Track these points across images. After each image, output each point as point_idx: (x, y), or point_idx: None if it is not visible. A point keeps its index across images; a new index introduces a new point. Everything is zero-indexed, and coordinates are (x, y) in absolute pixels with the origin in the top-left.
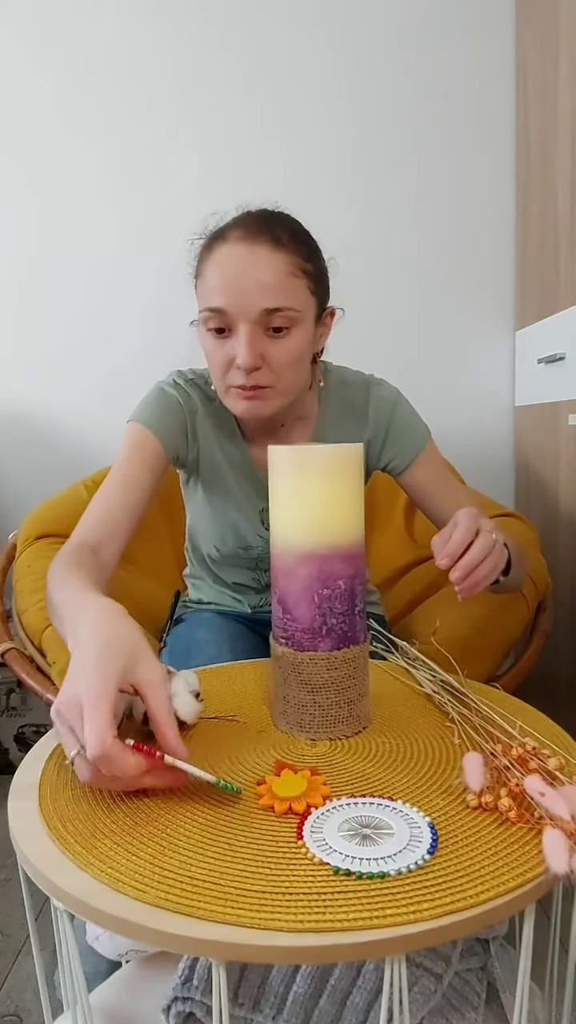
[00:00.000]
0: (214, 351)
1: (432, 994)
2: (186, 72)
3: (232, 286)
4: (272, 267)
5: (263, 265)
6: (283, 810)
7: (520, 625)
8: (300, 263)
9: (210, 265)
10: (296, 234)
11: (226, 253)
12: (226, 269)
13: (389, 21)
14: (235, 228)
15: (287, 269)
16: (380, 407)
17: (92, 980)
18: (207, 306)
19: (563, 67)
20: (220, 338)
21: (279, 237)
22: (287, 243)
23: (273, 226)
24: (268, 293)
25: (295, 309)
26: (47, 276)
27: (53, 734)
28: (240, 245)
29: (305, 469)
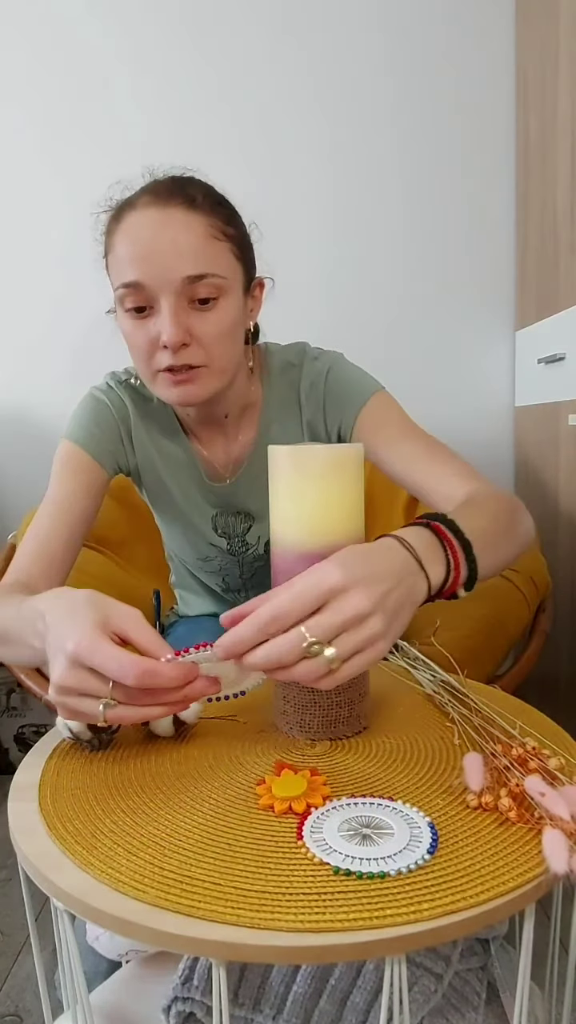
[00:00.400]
0: (135, 333)
1: (432, 994)
2: (185, 62)
3: (147, 255)
4: (189, 228)
5: (179, 227)
6: (283, 810)
7: (520, 625)
8: (220, 225)
9: (120, 236)
10: (212, 195)
11: (136, 219)
12: (138, 237)
13: (389, 21)
14: (144, 194)
15: (206, 231)
16: (313, 382)
17: (92, 980)
18: (121, 281)
19: (563, 67)
20: (140, 318)
21: (193, 197)
22: (203, 204)
23: (185, 187)
24: (188, 258)
25: (220, 275)
26: (47, 276)
27: (53, 733)
28: (151, 209)
29: (305, 469)
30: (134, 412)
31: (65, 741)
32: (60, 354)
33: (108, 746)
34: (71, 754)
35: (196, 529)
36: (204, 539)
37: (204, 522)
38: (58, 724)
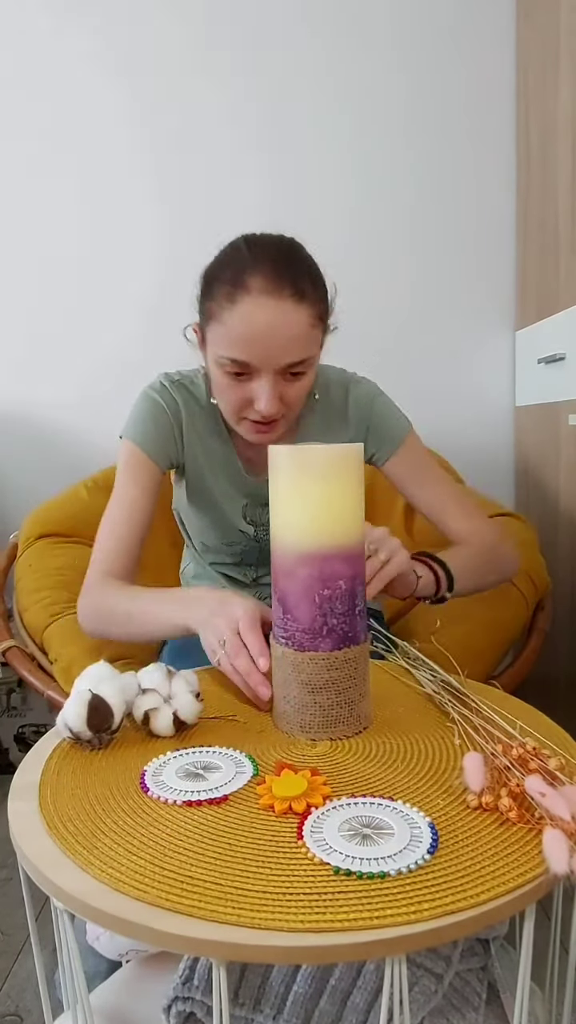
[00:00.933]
0: (230, 390)
1: (432, 994)
2: (183, 74)
3: (259, 342)
4: (298, 323)
5: (290, 322)
6: (283, 810)
7: (519, 624)
8: (319, 312)
9: (234, 316)
10: (314, 280)
11: (251, 308)
12: (253, 325)
13: (389, 21)
14: (256, 276)
15: (309, 321)
16: (359, 405)
17: (92, 980)
18: (229, 356)
19: (563, 67)
20: (237, 380)
21: (302, 290)
22: (310, 294)
23: (295, 276)
24: (293, 348)
25: (314, 356)
26: (48, 277)
27: (53, 733)
28: (264, 299)
29: (305, 469)
30: (185, 412)
31: (65, 741)
32: (61, 355)
33: (108, 746)
34: (71, 754)
35: (227, 517)
36: (234, 526)
37: (235, 511)
38: (58, 724)
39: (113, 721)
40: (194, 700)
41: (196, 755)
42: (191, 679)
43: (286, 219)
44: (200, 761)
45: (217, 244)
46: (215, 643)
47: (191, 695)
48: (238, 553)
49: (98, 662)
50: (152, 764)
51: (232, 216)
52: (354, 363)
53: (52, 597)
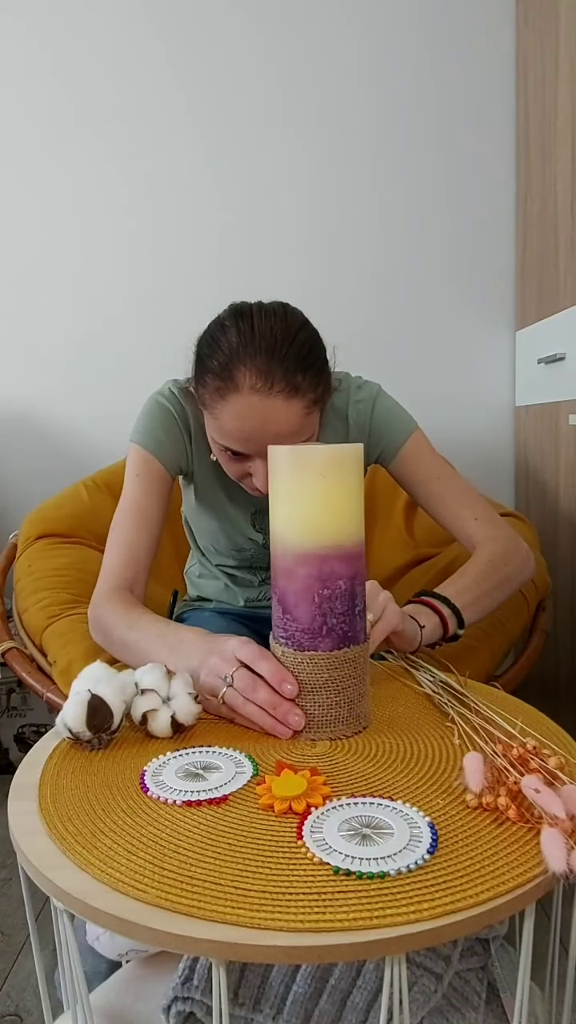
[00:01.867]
0: (229, 464)
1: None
2: (184, 70)
3: (249, 438)
4: (290, 419)
5: (281, 419)
6: (283, 810)
7: (520, 624)
8: (313, 398)
9: (225, 411)
10: (308, 366)
11: (240, 407)
12: (242, 423)
13: (389, 21)
14: (246, 372)
15: (303, 412)
16: (360, 408)
17: (92, 980)
18: (225, 445)
19: (563, 67)
20: (235, 459)
21: (295, 384)
22: (302, 385)
23: (286, 370)
24: (287, 438)
25: (312, 435)
26: (48, 277)
27: (53, 733)
28: (255, 398)
29: (305, 469)
30: (194, 421)
31: (65, 741)
32: (62, 355)
33: (108, 746)
34: (71, 754)
35: (237, 525)
36: (243, 534)
37: (245, 520)
38: (58, 724)
39: (113, 721)
40: (192, 701)
41: (196, 755)
42: (190, 680)
43: (280, 217)
44: (200, 761)
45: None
46: (218, 683)
47: (190, 696)
48: (247, 559)
49: (96, 662)
50: (152, 764)
51: (231, 216)
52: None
53: (51, 598)
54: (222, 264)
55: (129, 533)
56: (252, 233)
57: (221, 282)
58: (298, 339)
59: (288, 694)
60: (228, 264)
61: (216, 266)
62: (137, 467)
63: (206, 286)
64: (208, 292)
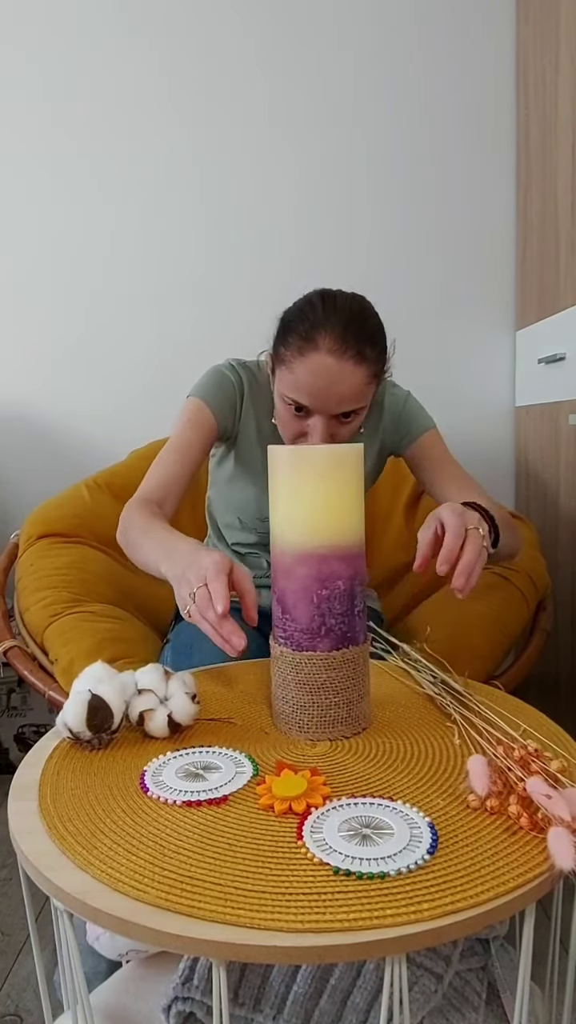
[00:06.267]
0: (289, 421)
1: (432, 994)
2: (191, 75)
3: (318, 393)
4: (355, 382)
5: (348, 380)
6: (283, 810)
7: (520, 624)
8: (376, 371)
9: (300, 367)
10: (376, 343)
11: (316, 363)
12: (315, 378)
13: (389, 21)
14: (326, 336)
15: (365, 380)
16: (394, 400)
17: (92, 980)
18: (292, 397)
19: (563, 67)
20: (296, 415)
21: (363, 353)
22: (369, 357)
23: (360, 340)
24: (347, 402)
25: (364, 406)
26: (49, 276)
27: (53, 733)
28: (330, 358)
29: (305, 469)
30: (248, 389)
31: (65, 741)
32: (63, 355)
33: (108, 746)
34: (71, 754)
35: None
36: None
37: None
38: (58, 724)
39: (113, 721)
40: (190, 702)
41: (196, 755)
42: (188, 681)
43: (280, 216)
44: (200, 761)
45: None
46: (187, 597)
47: (187, 697)
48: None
49: (97, 662)
50: (152, 764)
51: (231, 215)
52: None
53: (52, 597)
54: (222, 264)
55: (169, 464)
56: (251, 233)
57: (221, 281)
58: (371, 320)
59: (211, 619)
60: (228, 263)
61: (216, 266)
62: (190, 413)
63: (206, 286)
64: (208, 291)
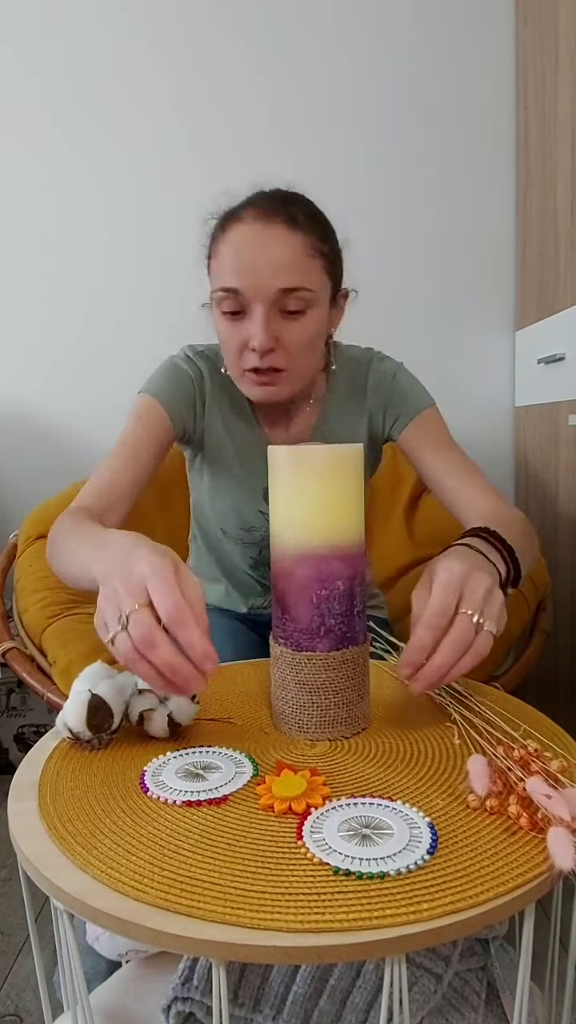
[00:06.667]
0: (228, 334)
1: (432, 994)
2: (190, 76)
3: (247, 266)
4: (288, 246)
5: (279, 245)
6: (283, 810)
7: (520, 624)
8: (316, 243)
9: (224, 245)
10: (312, 214)
11: (241, 233)
12: (241, 249)
13: (389, 22)
14: (249, 208)
15: (303, 249)
16: (380, 379)
17: (92, 980)
18: (221, 286)
19: (563, 67)
20: (234, 320)
21: (295, 217)
22: (303, 223)
23: (288, 205)
24: (284, 273)
25: (310, 289)
26: (49, 276)
27: (53, 733)
28: (255, 224)
29: (305, 469)
30: (210, 383)
31: (65, 741)
32: (62, 354)
33: (108, 746)
34: (71, 754)
35: (249, 498)
36: (254, 508)
37: (257, 492)
38: (58, 724)
39: (112, 721)
40: (190, 702)
41: (196, 755)
42: None
43: None
44: (200, 761)
45: None
46: (110, 618)
47: (187, 697)
48: (257, 540)
49: (97, 662)
50: (152, 764)
51: None
52: None
53: (51, 598)
54: None
55: (114, 471)
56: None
57: None
58: (305, 198)
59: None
60: None
61: None
62: (139, 411)
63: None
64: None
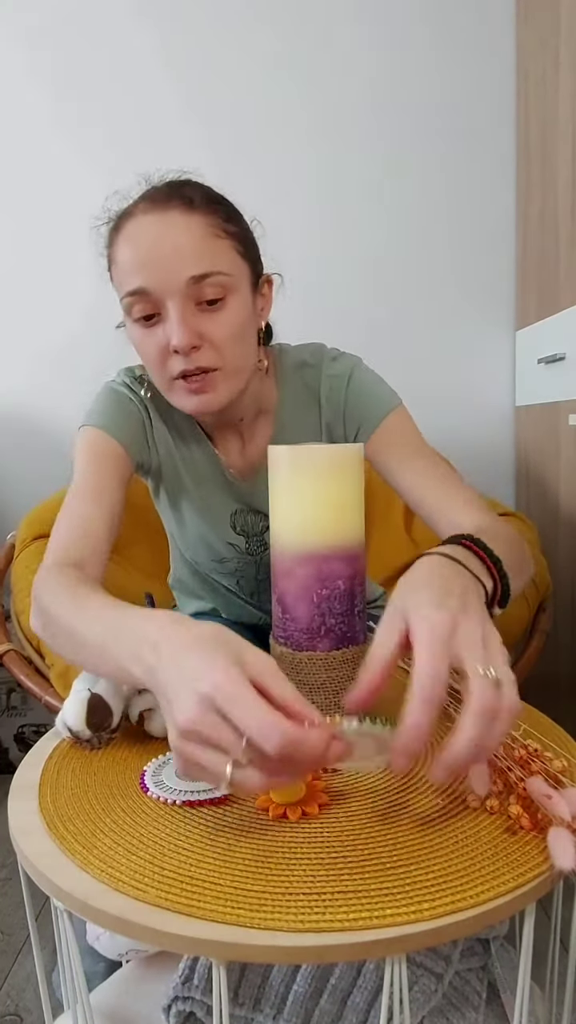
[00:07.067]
0: (145, 342)
1: (432, 994)
2: (193, 77)
3: (149, 261)
4: (189, 229)
5: (178, 230)
6: (277, 815)
7: (520, 625)
8: (220, 223)
9: (121, 245)
10: (209, 195)
11: (135, 227)
12: (138, 244)
13: (389, 21)
14: (141, 201)
15: (206, 231)
16: (333, 384)
17: (92, 980)
18: (126, 290)
19: (563, 67)
20: (149, 326)
21: (190, 199)
22: (200, 204)
23: (181, 189)
24: (190, 259)
25: (224, 273)
26: (48, 276)
27: (53, 733)
28: (149, 215)
29: (305, 469)
30: (153, 409)
31: (65, 741)
32: (60, 355)
33: (108, 745)
34: (71, 754)
35: (214, 529)
36: (222, 539)
37: (223, 521)
38: (58, 724)
39: (112, 720)
40: None
41: None
42: None
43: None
44: None
45: None
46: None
47: None
48: (231, 571)
49: None
50: (151, 764)
51: None
52: None
53: None
54: None
55: (84, 507)
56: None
57: None
58: (200, 183)
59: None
60: None
61: None
62: (88, 447)
63: None
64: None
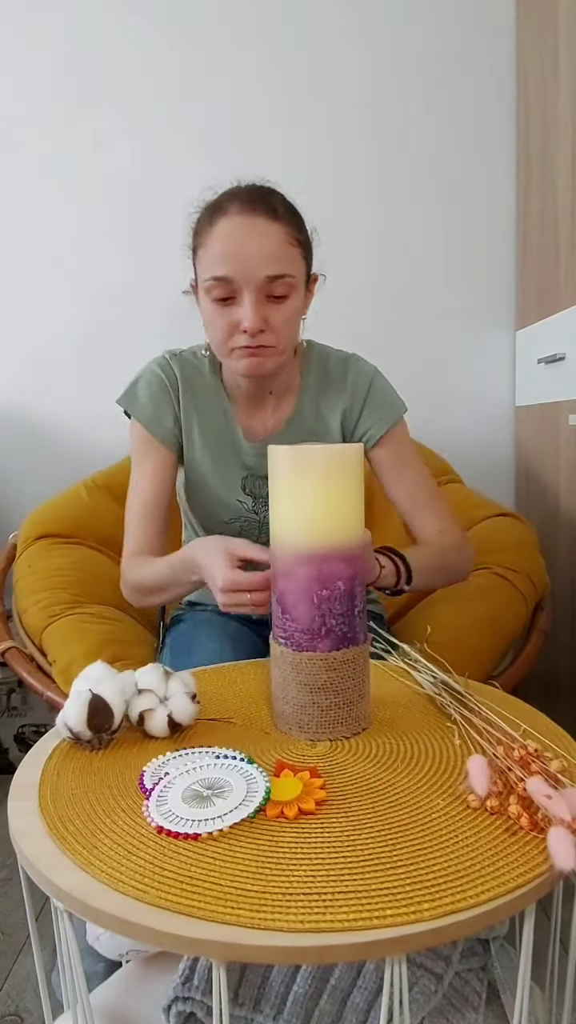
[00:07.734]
0: (217, 318)
1: (432, 994)
2: (193, 77)
3: (236, 255)
4: (273, 237)
5: (265, 235)
6: (275, 814)
7: (518, 624)
8: (294, 233)
9: (213, 237)
10: (289, 207)
11: (228, 225)
12: (230, 239)
13: (389, 21)
14: (233, 201)
15: (284, 239)
16: (359, 378)
17: (92, 980)
18: (212, 275)
19: (563, 68)
20: (224, 306)
21: (275, 208)
22: (283, 215)
23: (268, 199)
24: (270, 261)
25: (293, 275)
26: (48, 276)
27: (53, 733)
28: (240, 217)
29: (305, 469)
30: (182, 380)
31: (65, 741)
32: (61, 355)
33: (108, 746)
34: (71, 754)
35: (225, 489)
36: (232, 497)
37: (234, 482)
38: (58, 724)
39: (113, 721)
40: (190, 702)
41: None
42: (188, 680)
43: None
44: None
45: None
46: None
47: (187, 696)
48: (236, 531)
49: (97, 662)
50: (151, 764)
51: None
52: None
53: (51, 598)
54: None
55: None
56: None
57: None
58: (280, 192)
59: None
60: None
61: None
62: (137, 445)
63: None
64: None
